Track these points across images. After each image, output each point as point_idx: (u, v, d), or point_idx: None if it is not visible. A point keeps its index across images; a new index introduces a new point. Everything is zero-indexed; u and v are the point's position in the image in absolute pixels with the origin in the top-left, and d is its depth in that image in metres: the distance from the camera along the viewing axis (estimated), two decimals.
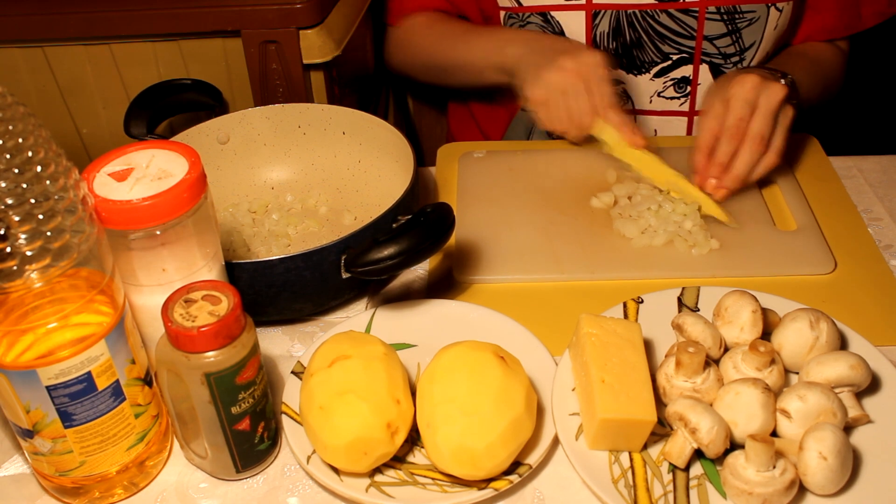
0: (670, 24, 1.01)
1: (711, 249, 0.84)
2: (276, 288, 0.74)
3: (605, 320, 0.68)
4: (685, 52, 1.03)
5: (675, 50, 1.03)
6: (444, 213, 0.73)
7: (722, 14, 1.01)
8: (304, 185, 0.97)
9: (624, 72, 1.05)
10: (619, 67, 1.05)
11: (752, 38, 1.03)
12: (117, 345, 0.59)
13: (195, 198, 0.62)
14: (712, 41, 1.02)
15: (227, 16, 0.96)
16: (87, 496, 0.64)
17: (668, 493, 0.62)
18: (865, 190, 0.95)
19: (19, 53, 1.01)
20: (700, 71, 1.05)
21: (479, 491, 0.62)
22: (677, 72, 1.05)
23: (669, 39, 1.02)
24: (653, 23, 1.01)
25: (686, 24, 1.01)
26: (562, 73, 0.92)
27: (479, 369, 0.62)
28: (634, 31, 1.02)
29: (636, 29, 1.01)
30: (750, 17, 1.01)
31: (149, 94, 0.96)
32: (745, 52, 1.04)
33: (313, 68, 1.00)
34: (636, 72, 1.05)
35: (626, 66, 1.05)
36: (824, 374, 0.65)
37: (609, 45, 1.03)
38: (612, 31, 1.02)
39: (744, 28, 1.02)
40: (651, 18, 1.01)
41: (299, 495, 0.65)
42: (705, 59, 1.04)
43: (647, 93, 1.07)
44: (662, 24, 1.01)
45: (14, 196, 0.51)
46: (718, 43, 1.03)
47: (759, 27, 1.02)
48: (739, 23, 1.01)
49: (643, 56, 1.04)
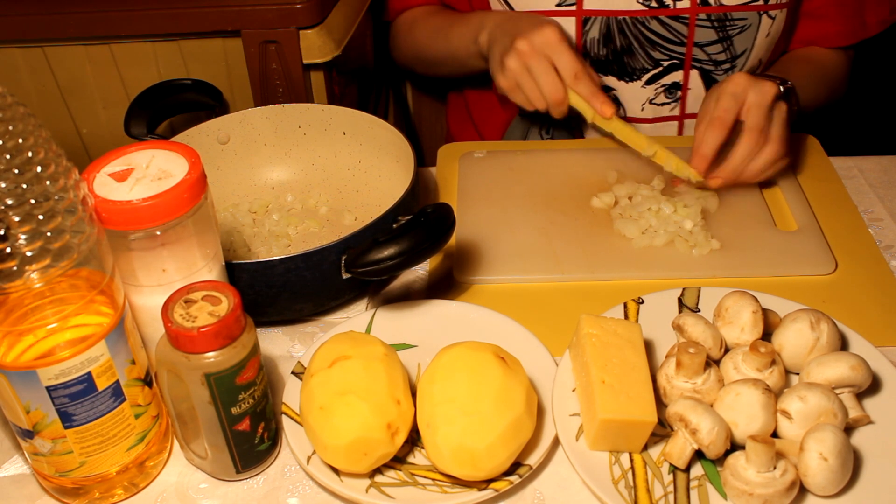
0: (661, 31, 1.01)
1: (712, 250, 0.84)
2: (276, 288, 0.74)
3: (606, 321, 0.68)
4: (676, 59, 1.03)
5: (666, 56, 1.03)
6: (444, 213, 0.73)
7: (713, 21, 1.00)
8: (305, 186, 0.97)
9: (615, 78, 1.05)
10: (611, 74, 1.05)
11: (743, 45, 1.02)
12: (117, 345, 0.59)
13: (195, 198, 0.62)
14: (703, 48, 1.02)
15: (227, 16, 0.96)
16: (87, 496, 0.64)
17: (669, 493, 0.62)
18: (866, 190, 0.95)
19: (19, 53, 1.01)
20: (690, 77, 1.04)
21: (480, 492, 0.62)
22: (668, 78, 1.04)
23: (660, 46, 1.02)
24: (643, 29, 1.01)
25: (677, 31, 1.01)
26: (520, 56, 0.92)
27: (480, 370, 0.62)
28: (625, 37, 1.01)
29: (626, 35, 1.01)
30: (741, 25, 1.01)
31: (149, 94, 0.96)
32: (736, 59, 1.03)
33: (313, 68, 1.00)
34: (627, 79, 1.05)
35: (618, 72, 1.05)
36: (825, 374, 0.65)
37: (600, 52, 1.03)
38: (603, 38, 1.02)
39: (735, 35, 1.01)
40: (641, 25, 1.01)
41: (299, 496, 0.65)
42: (696, 66, 1.04)
43: (638, 100, 1.07)
44: (653, 30, 1.01)
45: (14, 196, 0.51)
46: (709, 50, 1.02)
47: (750, 34, 1.01)
48: (730, 30, 1.01)
49: (634, 63, 1.03)
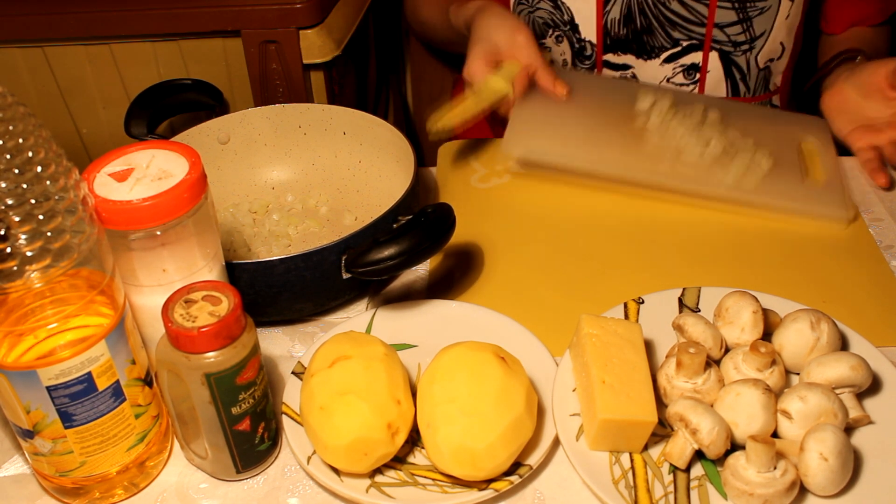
0: (681, 11, 1.02)
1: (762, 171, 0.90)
2: (276, 288, 0.74)
3: (606, 321, 0.68)
4: (695, 39, 1.04)
5: (686, 36, 1.04)
6: (444, 213, 0.73)
7: (733, 2, 1.01)
8: (305, 186, 0.97)
9: (633, 56, 1.06)
10: (629, 52, 1.06)
11: (762, 27, 1.03)
12: (117, 345, 0.59)
13: (195, 198, 0.62)
14: (723, 29, 1.03)
15: (227, 16, 0.97)
16: (87, 496, 0.64)
17: (669, 493, 0.62)
18: (866, 190, 0.95)
19: (19, 53, 1.02)
20: (710, 58, 1.05)
21: (480, 492, 0.62)
22: (687, 58, 1.05)
23: (680, 26, 1.03)
24: (664, 9, 1.02)
25: (697, 12, 1.02)
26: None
27: (480, 370, 0.62)
28: (645, 17, 1.02)
29: (647, 16, 1.02)
30: (762, 6, 1.02)
31: (149, 94, 0.96)
32: (755, 40, 1.04)
33: (313, 68, 1.01)
34: (645, 56, 1.06)
35: (636, 51, 1.06)
36: (825, 374, 0.65)
37: (620, 31, 1.04)
38: (624, 18, 1.03)
39: (755, 17, 1.02)
40: (662, 5, 1.02)
41: (299, 496, 0.65)
42: (715, 47, 1.04)
43: (656, 78, 1.07)
44: (673, 10, 1.02)
45: (14, 196, 0.51)
46: (729, 31, 1.03)
47: (769, 16, 1.02)
48: (751, 11, 1.02)
49: (653, 42, 1.04)
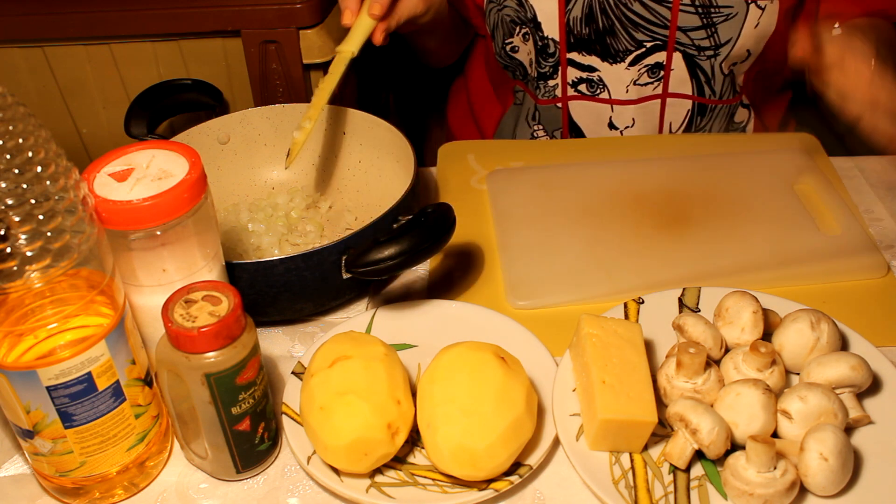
0: (643, 13, 1.00)
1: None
2: (276, 288, 0.74)
3: (606, 321, 0.68)
4: (658, 40, 1.02)
5: (649, 38, 1.02)
6: (444, 213, 0.73)
7: (697, 7, 0.99)
8: (305, 186, 0.97)
9: (599, 59, 1.05)
10: (595, 55, 1.05)
11: (728, 34, 1.01)
12: (117, 345, 0.59)
13: (195, 198, 0.62)
14: (686, 32, 1.01)
15: (227, 16, 0.97)
16: (87, 497, 0.64)
17: (669, 493, 0.62)
18: (866, 190, 0.95)
19: (19, 53, 1.02)
20: (674, 58, 1.04)
21: (480, 492, 0.62)
22: (651, 58, 1.04)
23: (643, 27, 1.01)
24: (626, 10, 1.01)
25: (659, 14, 1.00)
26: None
27: (480, 370, 0.62)
28: (607, 17, 1.01)
29: (609, 16, 1.01)
30: (727, 13, 0.99)
31: (149, 94, 0.96)
32: (720, 47, 1.02)
33: (313, 68, 1.01)
34: (611, 60, 1.05)
35: (601, 53, 1.04)
36: (825, 374, 0.65)
37: (582, 31, 1.03)
38: (585, 17, 1.02)
39: (720, 23, 1.00)
40: (624, 6, 1.00)
41: (299, 496, 0.65)
42: (679, 49, 1.03)
43: (623, 82, 1.06)
44: (635, 11, 1.00)
45: (14, 196, 0.51)
46: (692, 35, 1.01)
47: (736, 23, 1.00)
48: (715, 17, 1.00)
49: (617, 45, 1.03)
